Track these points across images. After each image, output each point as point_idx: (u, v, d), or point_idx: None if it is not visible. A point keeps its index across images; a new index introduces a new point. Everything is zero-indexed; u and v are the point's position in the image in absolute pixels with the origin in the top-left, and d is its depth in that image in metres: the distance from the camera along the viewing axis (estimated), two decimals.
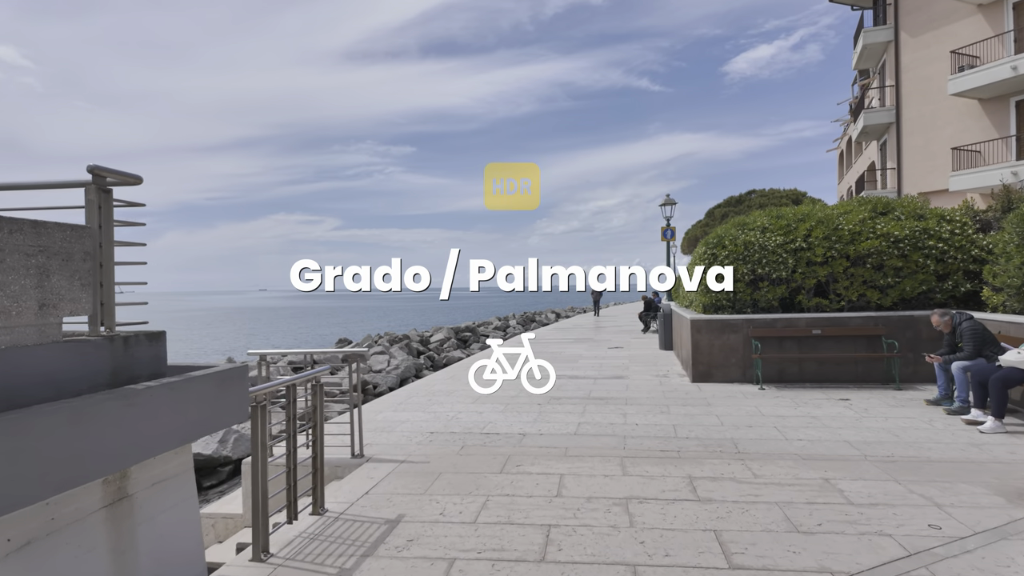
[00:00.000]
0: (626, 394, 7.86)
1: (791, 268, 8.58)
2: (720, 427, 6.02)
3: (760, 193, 46.85)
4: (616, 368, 10.30)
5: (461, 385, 8.71)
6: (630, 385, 8.55)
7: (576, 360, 11.54)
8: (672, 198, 15.68)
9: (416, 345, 26.63)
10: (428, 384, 9.13)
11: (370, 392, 18.36)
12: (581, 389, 8.29)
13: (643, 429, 5.99)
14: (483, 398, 7.76)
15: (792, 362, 8.49)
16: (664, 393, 7.89)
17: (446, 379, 9.55)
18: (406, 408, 7.27)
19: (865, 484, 4.28)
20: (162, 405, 2.63)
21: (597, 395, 7.82)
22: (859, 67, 26.26)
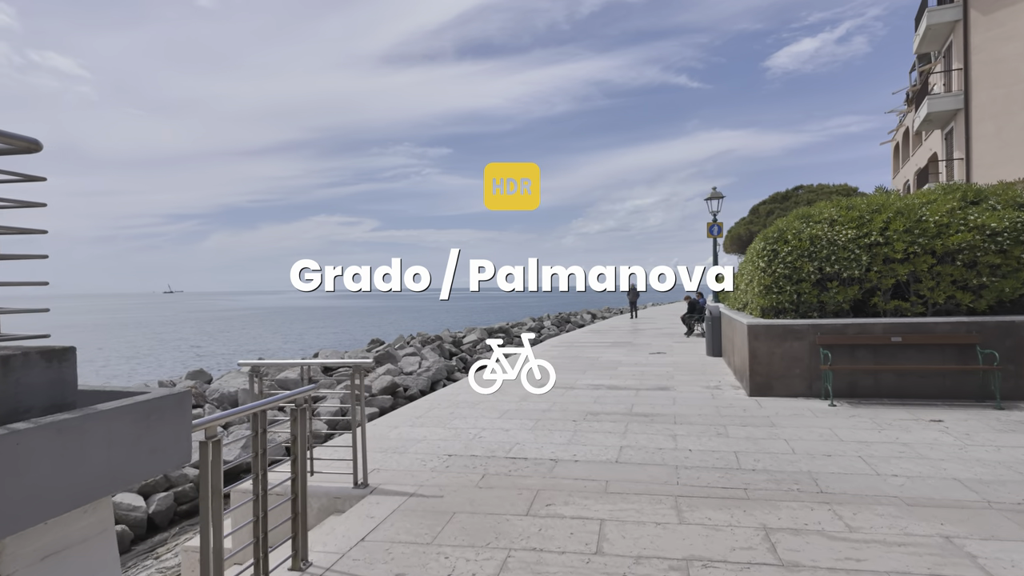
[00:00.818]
0: (674, 409, 6.89)
1: (865, 266, 7.46)
2: (792, 456, 5.02)
3: (808, 189, 44.70)
4: (660, 377, 9.31)
5: (487, 396, 7.90)
6: (678, 399, 7.57)
7: (615, 367, 10.59)
8: (719, 191, 14.52)
9: (448, 346, 26.04)
10: (452, 394, 8.33)
11: (400, 395, 17.78)
12: (621, 402, 7.36)
13: (698, 456, 5.05)
14: (511, 412, 6.93)
15: (866, 374, 7.37)
16: (718, 409, 6.89)
17: (471, 388, 8.75)
18: (424, 423, 6.49)
19: (1002, 546, 3.26)
20: (45, 454, 1.88)
21: (640, 410, 6.88)
22: (921, 51, 24.38)
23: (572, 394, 7.96)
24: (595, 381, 8.99)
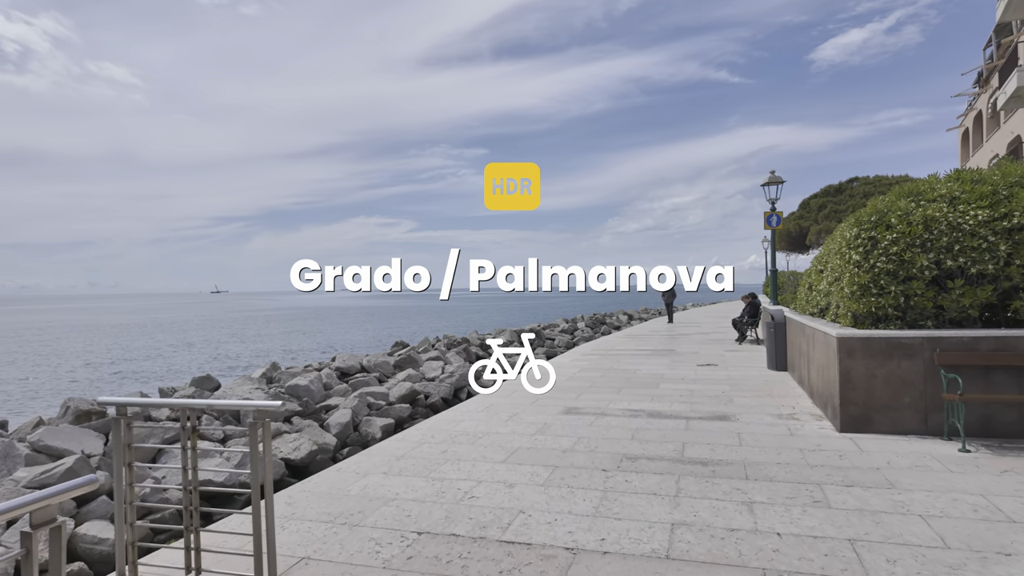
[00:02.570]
0: (742, 454, 5.07)
1: (1002, 258, 5.49)
2: (945, 553, 3.19)
3: (864, 181, 41.58)
4: (715, 399, 7.47)
5: (496, 425, 6.23)
6: (744, 435, 5.73)
7: (656, 384, 8.76)
8: (778, 175, 12.48)
9: (475, 349, 24.48)
10: (453, 420, 6.65)
11: (420, 403, 16.29)
12: (668, 439, 5.57)
13: (793, 548, 3.26)
14: (521, 452, 5.23)
15: (1009, 407, 5.40)
16: (803, 455, 5.04)
17: (479, 411, 7.06)
18: (405, 467, 4.86)
19: None
20: None
21: (695, 454, 5.09)
22: (1005, 18, 21.53)
23: (603, 424, 6.21)
24: (633, 404, 7.21)
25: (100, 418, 11.22)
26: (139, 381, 23.21)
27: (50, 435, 9.27)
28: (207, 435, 10.06)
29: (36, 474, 8.17)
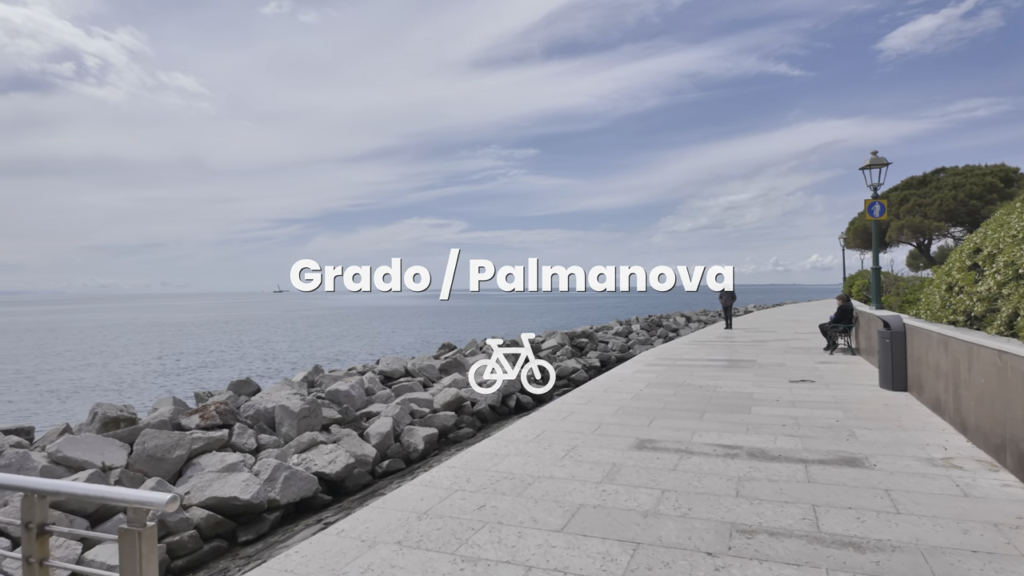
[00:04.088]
0: (907, 531, 3.48)
1: None
2: None
3: (952, 172, 37.81)
4: (831, 432, 5.83)
5: (549, 463, 4.85)
6: (894, 493, 4.13)
7: (747, 406, 7.16)
8: (881, 156, 10.56)
9: None
10: (493, 456, 5.20)
11: (466, 411, 15.12)
12: (789, 497, 4.05)
13: None
14: (583, 518, 3.79)
15: None
16: (1004, 536, 3.40)
17: (527, 441, 5.67)
18: (426, 537, 3.52)
19: None
20: None
21: (837, 528, 3.54)
22: None
23: (692, 468, 4.72)
24: (725, 436, 5.68)
25: (129, 425, 10.54)
26: (177, 382, 23.07)
27: (70, 445, 8.53)
28: None
29: None
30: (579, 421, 6.33)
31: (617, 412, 6.76)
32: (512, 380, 17.69)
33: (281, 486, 9.12)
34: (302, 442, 10.71)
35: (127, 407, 10.99)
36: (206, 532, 8.03)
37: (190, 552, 7.74)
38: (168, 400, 12.02)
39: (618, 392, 8.06)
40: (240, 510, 8.48)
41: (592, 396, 7.82)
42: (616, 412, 6.76)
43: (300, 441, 10.70)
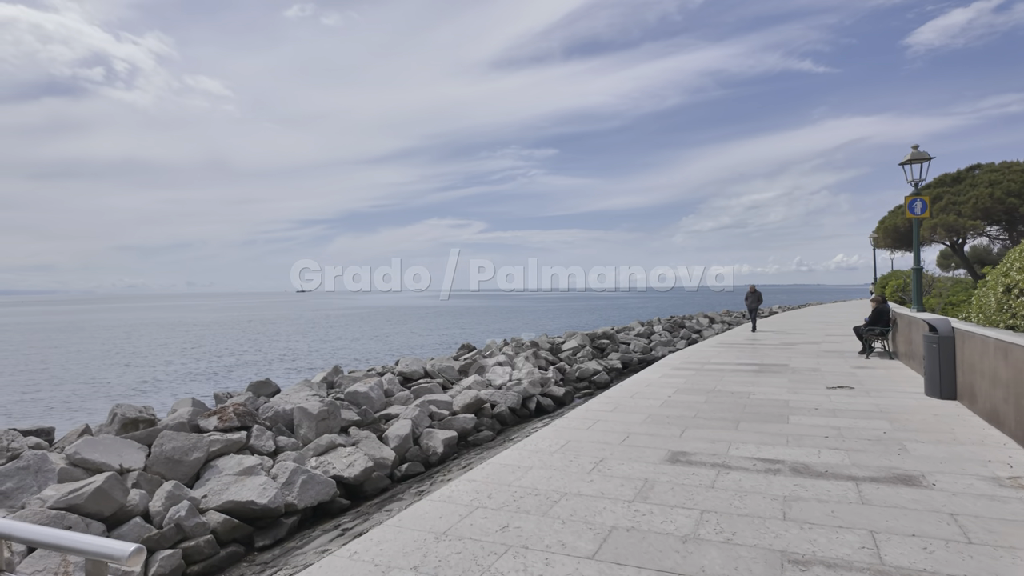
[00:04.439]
0: (984, 564, 3.08)
1: None
2: None
3: (988, 168, 36.50)
4: (879, 444, 5.41)
5: (577, 478, 4.52)
6: (961, 518, 3.71)
7: (784, 415, 6.75)
8: (923, 151, 10.00)
9: (545, 354, 22.87)
10: (516, 469, 4.88)
11: (486, 413, 14.88)
12: (843, 521, 3.65)
13: None
14: (615, 543, 3.44)
15: None
16: None
17: (552, 452, 5.35)
18: (444, 562, 3.20)
19: None
20: None
21: (903, 559, 3.13)
22: None
23: (731, 486, 4.36)
24: (764, 449, 5.30)
25: (148, 426, 10.47)
26: (199, 382, 23.18)
27: (88, 447, 8.45)
28: None
29: (64, 493, 7.28)
30: (606, 430, 5.99)
31: (646, 421, 6.41)
32: (533, 382, 17.43)
33: (299, 490, 8.95)
34: (320, 444, 10.54)
35: (146, 408, 10.92)
36: (223, 537, 7.87)
37: (206, 558, 7.59)
38: (187, 401, 11.96)
39: (646, 398, 7.69)
40: (257, 514, 8.33)
41: (618, 402, 7.48)
42: (645, 421, 6.41)
43: (318, 444, 10.53)
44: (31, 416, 15.79)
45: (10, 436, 8.04)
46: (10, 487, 7.50)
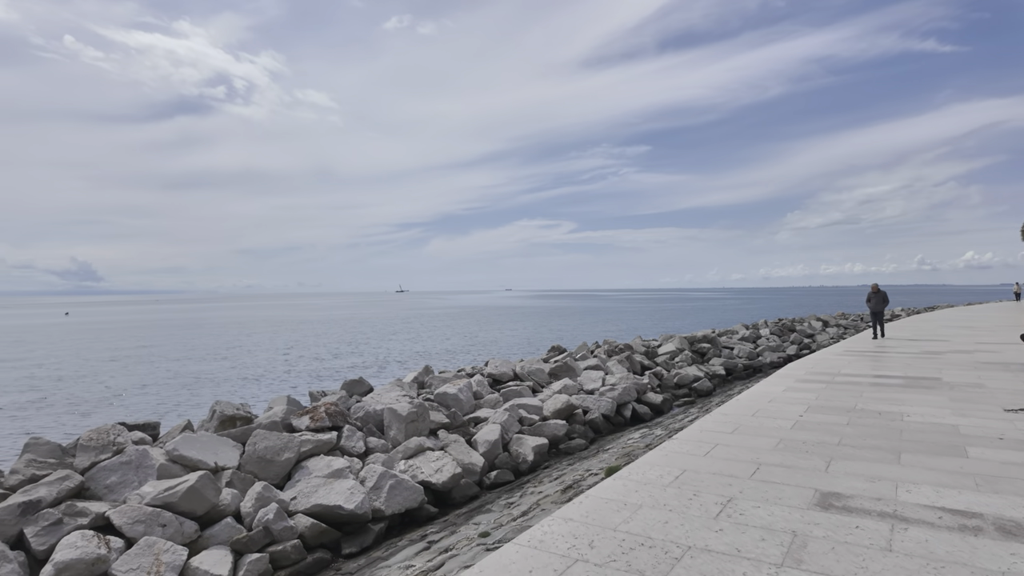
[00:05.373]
0: None
1: None
2: None
3: None
4: None
5: (700, 525, 3.61)
6: None
7: (959, 446, 5.37)
8: None
9: (640, 358, 21.63)
10: (621, 506, 4.03)
11: (578, 419, 14.07)
12: None
13: None
14: None
15: None
16: None
17: (666, 485, 4.44)
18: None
19: None
20: None
21: None
22: None
23: (915, 548, 3.25)
24: (948, 497, 4.08)
25: (244, 424, 10.62)
26: (298, 378, 24.02)
27: (186, 444, 8.57)
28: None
29: (160, 491, 7.35)
30: (728, 457, 5.00)
31: (777, 447, 5.32)
32: (627, 388, 16.35)
33: (386, 495, 8.61)
34: (409, 448, 10.22)
35: (243, 405, 11.11)
36: (310, 542, 7.64)
37: (293, 563, 7.37)
38: (283, 399, 12.10)
39: (771, 417, 6.54)
40: (344, 520, 8.06)
41: (738, 421, 6.39)
42: (776, 447, 5.32)
43: (407, 447, 10.22)
44: (144, 408, 16.92)
45: (116, 431, 8.26)
46: (114, 481, 7.68)
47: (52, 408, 16.81)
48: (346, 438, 10.44)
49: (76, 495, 7.30)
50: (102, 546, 6.45)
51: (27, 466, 7.60)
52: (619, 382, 16.97)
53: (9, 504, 6.50)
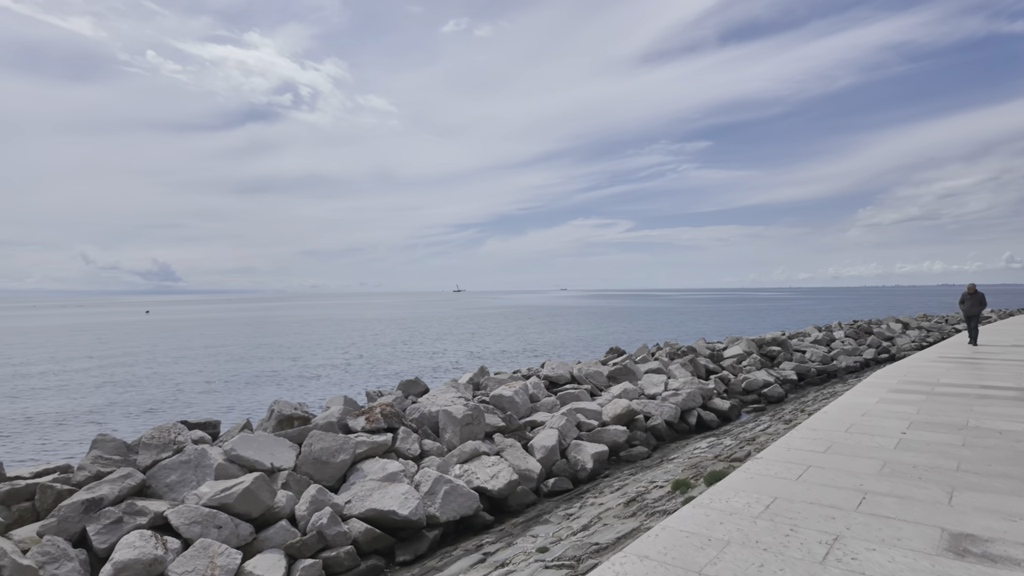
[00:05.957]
0: None
1: None
2: None
3: None
4: None
5: (813, 558, 3.03)
6: None
7: None
8: None
9: (704, 362, 20.63)
10: (705, 542, 3.50)
11: (639, 425, 13.41)
12: None
13: None
14: None
15: None
16: None
17: (754, 516, 3.83)
18: None
19: None
20: None
21: None
22: None
23: None
24: None
25: (302, 424, 10.60)
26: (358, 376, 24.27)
27: (244, 444, 8.55)
28: None
29: (216, 492, 7.30)
30: (825, 483, 4.33)
31: (882, 472, 4.60)
32: (692, 393, 15.50)
33: (441, 501, 8.31)
34: (464, 452, 9.91)
35: (301, 405, 11.11)
36: (364, 547, 7.43)
37: (346, 570, 7.17)
38: (339, 399, 12.06)
39: (868, 434, 5.77)
40: (399, 525, 7.80)
41: (831, 438, 5.66)
42: (881, 472, 4.60)
43: (462, 451, 9.91)
44: (207, 406, 17.42)
45: (177, 429, 8.32)
46: (173, 480, 7.72)
47: (121, 404, 17.60)
48: (401, 440, 10.24)
49: (138, 493, 7.34)
50: (159, 547, 6.40)
51: (93, 463, 7.72)
52: (683, 387, 16.13)
53: (73, 501, 6.56)
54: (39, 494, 6.78)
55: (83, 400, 18.43)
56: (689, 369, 18.88)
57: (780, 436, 7.04)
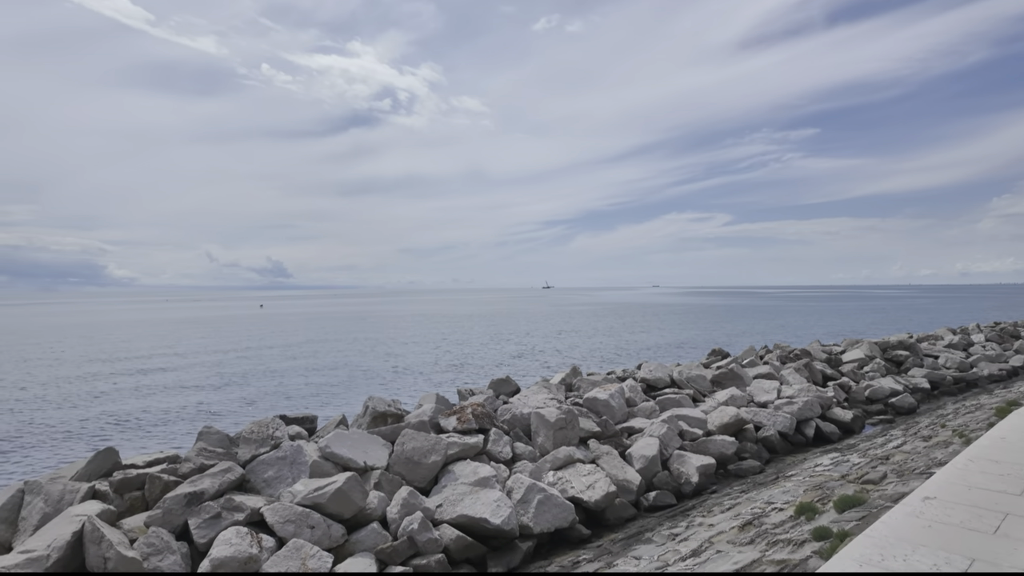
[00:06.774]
0: None
1: None
2: None
3: None
4: None
5: None
6: None
7: None
8: None
9: (821, 366, 18.73)
10: None
11: (748, 436, 12.23)
12: None
13: None
14: None
15: None
16: None
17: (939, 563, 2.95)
18: None
19: None
20: None
21: None
22: None
23: None
24: None
25: (395, 421, 10.49)
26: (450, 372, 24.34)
27: (338, 441, 8.49)
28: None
29: (310, 490, 7.21)
30: None
31: None
32: (809, 402, 13.99)
33: (535, 511, 7.81)
34: (558, 458, 9.35)
35: (395, 402, 11.03)
36: (455, 556, 7.07)
37: (446, 569, 6.87)
38: (432, 397, 11.90)
39: None
40: (490, 534, 7.39)
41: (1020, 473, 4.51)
42: None
43: (556, 456, 9.36)
44: (307, 398, 18.06)
45: (275, 424, 8.39)
46: (270, 476, 7.76)
47: (228, 396, 18.67)
48: (492, 442, 9.85)
49: (237, 487, 7.41)
50: (254, 545, 6.36)
51: (198, 455, 7.91)
52: (798, 394, 14.63)
53: (177, 494, 6.67)
54: (148, 484, 6.98)
55: (195, 391, 19.80)
56: (804, 374, 17.17)
57: (937, 462, 5.85)
